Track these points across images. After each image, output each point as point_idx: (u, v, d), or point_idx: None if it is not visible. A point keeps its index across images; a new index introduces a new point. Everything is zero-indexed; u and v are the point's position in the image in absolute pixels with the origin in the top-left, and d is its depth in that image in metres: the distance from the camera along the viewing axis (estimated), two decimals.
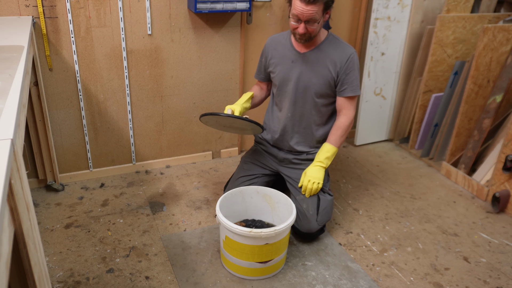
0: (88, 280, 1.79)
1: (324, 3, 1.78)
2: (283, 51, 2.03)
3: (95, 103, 2.40)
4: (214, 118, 1.90)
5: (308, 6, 1.76)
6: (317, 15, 1.79)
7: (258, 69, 2.18)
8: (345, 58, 1.94)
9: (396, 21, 2.83)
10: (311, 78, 1.98)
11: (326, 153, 1.98)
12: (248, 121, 1.84)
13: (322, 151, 2.00)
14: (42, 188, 2.41)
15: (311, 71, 1.98)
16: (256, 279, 1.83)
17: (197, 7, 2.25)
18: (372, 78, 2.93)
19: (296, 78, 2.00)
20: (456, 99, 2.74)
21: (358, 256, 2.01)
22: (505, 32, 2.51)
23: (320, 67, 1.96)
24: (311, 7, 1.76)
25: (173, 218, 2.22)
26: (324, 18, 1.85)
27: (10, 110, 0.99)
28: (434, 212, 2.37)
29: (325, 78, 1.97)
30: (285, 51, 2.03)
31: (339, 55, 1.95)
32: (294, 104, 2.05)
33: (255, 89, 2.19)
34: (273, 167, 2.16)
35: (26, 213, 0.88)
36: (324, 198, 2.01)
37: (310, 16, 1.78)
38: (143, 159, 2.66)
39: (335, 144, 2.00)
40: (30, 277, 0.90)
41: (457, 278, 1.90)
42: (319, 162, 1.98)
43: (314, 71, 1.97)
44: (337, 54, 1.95)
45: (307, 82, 1.99)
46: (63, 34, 2.19)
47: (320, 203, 2.00)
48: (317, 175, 1.96)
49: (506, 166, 2.31)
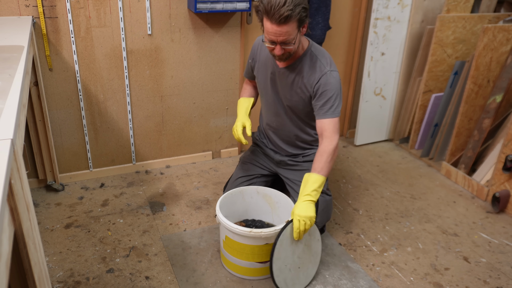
0: (88, 280, 1.79)
1: (297, 20, 1.64)
2: (266, 58, 1.93)
3: (95, 103, 2.40)
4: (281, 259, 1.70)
5: (280, 27, 1.63)
6: (292, 35, 1.66)
7: (247, 68, 2.10)
8: (317, 79, 1.79)
9: (396, 21, 2.83)
10: (288, 96, 1.90)
11: (313, 185, 1.71)
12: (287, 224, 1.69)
13: (308, 183, 1.73)
14: (42, 188, 2.41)
15: (288, 89, 1.88)
16: (256, 279, 1.83)
17: (197, 7, 2.25)
18: (372, 78, 2.93)
19: (275, 93, 1.94)
20: (456, 99, 2.74)
21: (358, 256, 2.01)
22: (505, 32, 2.51)
23: (294, 86, 1.86)
24: (284, 28, 1.63)
25: (173, 218, 2.22)
26: (301, 33, 1.73)
27: (10, 110, 0.99)
28: (434, 212, 2.37)
29: (301, 97, 1.86)
30: (267, 59, 1.92)
31: (311, 76, 1.81)
32: (276, 115, 1.99)
33: (248, 90, 2.13)
34: (271, 168, 2.16)
35: (26, 213, 0.88)
36: (323, 199, 1.99)
37: (284, 38, 1.65)
38: (143, 159, 2.66)
39: (322, 172, 1.73)
40: (30, 277, 0.90)
41: (457, 278, 1.90)
42: (307, 196, 1.70)
43: (290, 89, 1.88)
44: (310, 75, 1.81)
45: (285, 99, 1.91)
46: (63, 34, 2.19)
47: (319, 203, 1.98)
48: (307, 213, 1.67)
49: (506, 166, 2.31)
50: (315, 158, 1.79)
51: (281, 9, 1.59)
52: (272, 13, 1.60)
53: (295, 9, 1.60)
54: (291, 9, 1.59)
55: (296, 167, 2.09)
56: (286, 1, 1.59)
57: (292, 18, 1.62)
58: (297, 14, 1.61)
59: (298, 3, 1.61)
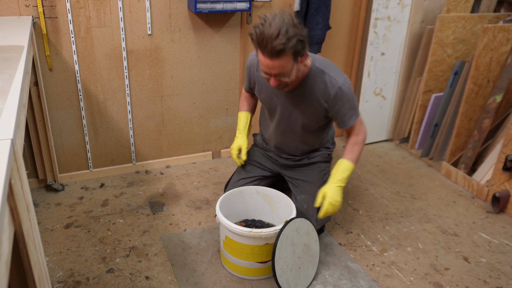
0: (88, 280, 1.79)
1: (292, 53, 1.52)
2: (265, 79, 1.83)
3: (95, 103, 2.40)
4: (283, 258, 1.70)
5: (273, 60, 1.52)
6: (286, 68, 1.56)
7: (246, 83, 2.03)
8: (332, 95, 1.74)
9: (396, 21, 2.83)
10: (297, 115, 1.85)
11: (345, 172, 1.80)
12: (288, 222, 1.71)
13: (339, 170, 1.81)
14: (42, 188, 2.41)
15: (297, 108, 1.83)
16: (256, 279, 1.83)
17: (197, 7, 2.25)
18: (372, 78, 2.93)
19: (281, 113, 1.89)
20: (456, 99, 2.74)
21: (358, 256, 2.01)
22: (505, 32, 2.51)
23: (305, 104, 1.81)
24: (277, 62, 1.52)
25: (173, 218, 2.22)
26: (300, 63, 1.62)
27: (10, 110, 0.99)
28: (434, 212, 2.37)
29: (313, 114, 1.83)
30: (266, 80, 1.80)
31: (324, 93, 1.75)
32: (282, 133, 1.97)
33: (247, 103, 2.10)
34: (274, 169, 2.15)
35: (26, 213, 0.88)
36: None
37: (278, 71, 1.56)
38: (143, 159, 2.66)
39: (353, 161, 1.83)
40: (30, 277, 0.90)
41: (457, 278, 1.89)
42: (339, 182, 1.79)
43: (300, 108, 1.83)
44: (322, 92, 1.75)
45: (293, 118, 1.87)
46: (63, 34, 2.19)
47: None
48: (337, 198, 1.78)
49: (506, 166, 2.31)
50: (347, 147, 1.88)
51: (273, 42, 1.47)
52: (264, 46, 1.50)
53: (288, 42, 1.48)
54: (284, 42, 1.47)
55: (300, 168, 2.09)
56: (279, 33, 1.47)
57: (286, 52, 1.50)
58: (291, 47, 1.50)
59: (292, 35, 1.48)
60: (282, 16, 1.50)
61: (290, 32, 1.48)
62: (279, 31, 1.47)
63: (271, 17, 1.50)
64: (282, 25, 1.47)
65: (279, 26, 1.47)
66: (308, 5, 2.53)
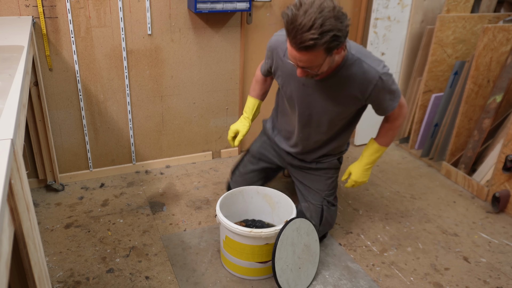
0: (88, 280, 1.79)
1: (324, 48, 1.33)
2: (291, 67, 1.64)
3: (95, 103, 2.40)
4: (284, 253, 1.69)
5: (301, 53, 1.35)
6: (316, 62, 1.39)
7: (265, 66, 1.85)
8: (372, 86, 1.58)
9: (396, 21, 2.83)
10: (327, 106, 1.68)
11: (375, 154, 1.84)
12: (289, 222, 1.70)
13: (370, 152, 1.83)
14: (42, 188, 2.41)
15: (328, 99, 1.66)
16: (256, 279, 1.83)
17: (197, 7, 2.25)
18: None
19: (308, 105, 1.71)
20: (456, 99, 2.74)
21: (358, 256, 2.01)
22: (505, 32, 2.51)
23: (339, 95, 1.64)
24: (305, 56, 1.36)
25: (173, 218, 2.22)
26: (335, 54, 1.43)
27: (10, 110, 0.99)
28: (434, 212, 2.37)
29: (347, 105, 1.68)
30: (293, 67, 1.63)
31: (363, 83, 1.58)
32: (304, 127, 1.82)
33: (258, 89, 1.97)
34: (281, 164, 2.10)
35: (26, 213, 0.88)
36: (328, 210, 1.98)
37: (306, 64, 1.41)
38: (143, 159, 2.66)
39: (385, 145, 1.82)
40: (30, 277, 0.90)
41: (457, 278, 1.89)
42: (369, 165, 1.86)
43: (332, 99, 1.66)
44: (360, 82, 1.58)
45: (323, 110, 1.71)
46: (63, 34, 2.19)
47: (324, 214, 1.97)
48: (364, 178, 1.89)
49: (506, 166, 2.31)
50: (382, 130, 1.83)
51: (303, 34, 1.28)
52: (293, 36, 1.32)
53: (322, 37, 1.28)
54: (316, 37, 1.28)
55: (307, 171, 2.02)
56: (312, 26, 1.27)
57: (316, 47, 1.31)
58: (323, 43, 1.30)
59: (328, 29, 1.28)
60: (321, 3, 1.29)
61: (326, 25, 1.27)
62: (313, 23, 1.27)
63: (309, 1, 1.30)
64: (318, 16, 1.26)
65: (315, 17, 1.26)
66: None
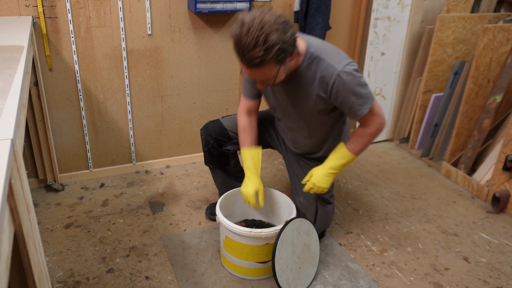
0: (88, 280, 1.79)
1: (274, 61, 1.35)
2: None
3: (95, 103, 2.40)
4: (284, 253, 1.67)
5: (253, 70, 1.38)
6: (270, 74, 1.40)
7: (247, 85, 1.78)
8: (331, 84, 1.53)
9: (396, 21, 2.83)
10: (299, 109, 1.69)
11: (341, 160, 1.68)
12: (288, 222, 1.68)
13: (336, 156, 1.70)
14: (42, 188, 2.41)
15: (298, 102, 1.66)
16: (256, 279, 1.83)
17: (197, 7, 2.25)
18: (372, 78, 2.93)
19: (285, 110, 1.74)
20: (456, 99, 2.74)
21: (358, 256, 2.01)
22: (505, 32, 2.51)
23: (303, 96, 1.63)
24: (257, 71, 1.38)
25: (173, 218, 2.22)
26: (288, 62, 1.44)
27: (10, 110, 0.99)
28: (434, 212, 2.37)
29: (313, 106, 1.65)
30: None
31: (323, 81, 1.55)
32: (290, 131, 1.85)
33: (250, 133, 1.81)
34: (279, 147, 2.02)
35: (26, 213, 0.88)
36: (322, 208, 1.94)
37: (261, 78, 1.43)
38: (143, 159, 2.66)
39: (353, 152, 1.68)
40: (30, 277, 0.90)
41: (457, 278, 1.89)
42: (330, 169, 1.70)
43: (298, 101, 1.66)
44: (320, 81, 1.55)
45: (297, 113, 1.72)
46: (63, 34, 2.19)
47: (318, 212, 1.95)
48: (324, 185, 1.71)
49: (506, 166, 2.31)
50: (353, 136, 1.70)
51: (250, 53, 1.31)
52: (241, 56, 1.35)
53: (268, 52, 1.31)
54: (262, 54, 1.30)
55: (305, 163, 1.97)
56: (256, 43, 1.29)
57: (265, 62, 1.34)
58: (271, 57, 1.33)
59: (272, 44, 1.30)
60: (262, 19, 1.31)
61: (270, 40, 1.30)
62: (257, 41, 1.29)
63: (250, 19, 1.31)
64: (260, 33, 1.29)
65: (257, 35, 1.29)
66: (308, 5, 2.53)
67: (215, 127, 1.96)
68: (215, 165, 2.02)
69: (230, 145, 1.97)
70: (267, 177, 2.65)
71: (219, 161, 2.01)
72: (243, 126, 1.82)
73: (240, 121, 1.83)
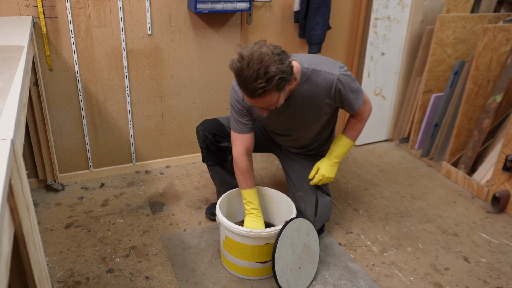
0: (88, 280, 1.79)
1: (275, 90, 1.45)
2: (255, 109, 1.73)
3: (95, 103, 2.40)
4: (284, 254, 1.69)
5: (255, 100, 1.47)
6: (272, 101, 1.49)
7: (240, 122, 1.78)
8: (333, 89, 1.66)
9: (396, 21, 2.83)
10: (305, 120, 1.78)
11: (343, 148, 1.85)
12: (288, 222, 1.70)
13: (339, 146, 1.85)
14: (42, 188, 2.41)
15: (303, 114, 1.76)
16: (256, 279, 1.83)
17: (197, 7, 2.25)
18: (372, 78, 2.93)
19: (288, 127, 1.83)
20: (456, 99, 2.74)
21: (358, 256, 2.01)
22: (505, 32, 2.51)
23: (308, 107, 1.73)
24: (259, 101, 1.47)
25: (173, 218, 2.22)
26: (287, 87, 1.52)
27: (10, 110, 0.99)
28: (434, 212, 2.37)
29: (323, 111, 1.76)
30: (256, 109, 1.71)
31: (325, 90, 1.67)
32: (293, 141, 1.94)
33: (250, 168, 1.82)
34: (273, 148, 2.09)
35: (26, 213, 0.88)
36: (322, 199, 1.99)
37: (263, 105, 1.52)
38: (143, 159, 2.66)
39: (352, 139, 1.86)
40: (30, 277, 0.90)
41: (457, 278, 1.90)
42: (335, 158, 1.86)
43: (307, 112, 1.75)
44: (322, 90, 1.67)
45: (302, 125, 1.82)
46: (63, 34, 2.19)
47: (318, 203, 1.98)
48: (332, 175, 1.87)
49: (506, 166, 2.31)
50: (349, 124, 1.86)
51: (252, 85, 1.40)
52: (244, 88, 1.44)
53: (269, 83, 1.40)
54: (264, 85, 1.39)
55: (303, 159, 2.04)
56: (257, 76, 1.38)
57: (267, 92, 1.43)
58: (272, 87, 1.42)
59: (272, 75, 1.39)
60: (260, 52, 1.40)
61: (270, 72, 1.39)
62: (258, 73, 1.38)
63: (249, 54, 1.41)
64: (260, 66, 1.38)
65: (257, 68, 1.38)
66: (308, 5, 2.53)
67: (212, 123, 2.00)
68: (214, 162, 2.03)
69: (227, 142, 2.00)
70: (267, 177, 2.65)
71: (217, 157, 2.02)
72: (244, 169, 1.81)
73: (239, 162, 1.80)
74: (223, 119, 2.04)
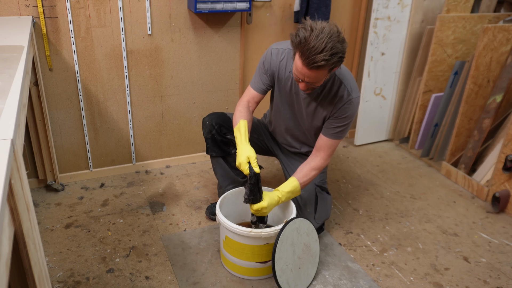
0: (88, 280, 1.79)
1: (330, 68, 1.54)
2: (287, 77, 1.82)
3: (95, 103, 2.40)
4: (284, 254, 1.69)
5: (310, 71, 1.53)
6: (320, 78, 1.58)
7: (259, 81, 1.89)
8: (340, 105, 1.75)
9: (396, 21, 2.83)
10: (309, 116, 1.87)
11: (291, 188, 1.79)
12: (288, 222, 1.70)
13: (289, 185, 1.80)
14: (42, 188, 2.41)
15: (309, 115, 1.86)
16: (256, 279, 1.83)
17: (197, 7, 2.25)
18: (372, 78, 2.93)
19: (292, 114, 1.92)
20: (456, 99, 2.74)
21: (358, 256, 2.01)
22: (505, 32, 2.51)
23: (317, 112, 1.83)
24: (313, 73, 1.54)
25: (173, 218, 2.22)
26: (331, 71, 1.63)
27: (10, 110, 0.99)
28: (434, 212, 2.37)
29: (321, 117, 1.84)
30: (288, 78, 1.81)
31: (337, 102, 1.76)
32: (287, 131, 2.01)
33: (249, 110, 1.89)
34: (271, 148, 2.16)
35: (26, 213, 0.88)
36: (322, 197, 2.01)
37: (312, 80, 1.58)
38: (143, 159, 2.66)
39: (302, 184, 1.82)
40: (30, 277, 0.90)
41: (457, 278, 1.90)
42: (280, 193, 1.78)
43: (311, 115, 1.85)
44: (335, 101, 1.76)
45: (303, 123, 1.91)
46: (63, 34, 2.19)
47: (318, 201, 1.99)
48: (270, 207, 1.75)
49: (506, 166, 2.31)
50: (303, 168, 1.84)
51: (316, 56, 1.47)
52: (306, 56, 1.49)
53: (331, 58, 1.48)
54: (327, 59, 1.47)
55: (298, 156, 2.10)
56: (324, 48, 1.46)
57: (325, 67, 1.51)
58: (331, 64, 1.50)
59: (336, 51, 1.48)
60: (330, 29, 1.47)
61: (335, 48, 1.47)
62: (325, 46, 1.45)
63: (320, 27, 1.47)
64: (329, 41, 1.45)
65: (326, 41, 1.45)
66: (308, 5, 2.54)
67: (220, 115, 2.03)
68: (217, 153, 2.05)
69: (232, 135, 2.01)
70: (267, 177, 2.65)
71: (221, 149, 2.04)
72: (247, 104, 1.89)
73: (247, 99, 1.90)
74: (230, 114, 2.07)
